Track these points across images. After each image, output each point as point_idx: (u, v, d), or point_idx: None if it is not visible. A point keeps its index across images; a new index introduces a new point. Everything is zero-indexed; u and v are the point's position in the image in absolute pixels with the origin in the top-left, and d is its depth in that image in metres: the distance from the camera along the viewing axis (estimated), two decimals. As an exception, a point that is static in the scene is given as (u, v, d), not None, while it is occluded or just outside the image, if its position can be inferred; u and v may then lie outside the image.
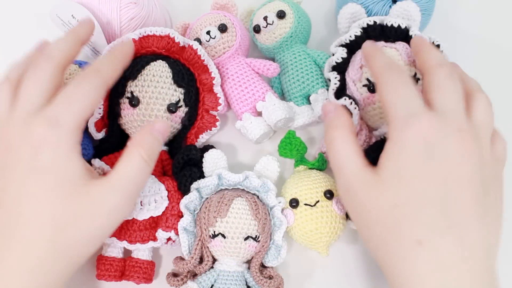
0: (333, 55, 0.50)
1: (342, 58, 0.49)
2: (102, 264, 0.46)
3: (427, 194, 0.35)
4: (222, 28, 0.51)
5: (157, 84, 0.47)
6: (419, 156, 0.35)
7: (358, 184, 0.38)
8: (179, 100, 0.48)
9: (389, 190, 0.36)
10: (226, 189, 0.47)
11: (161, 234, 0.45)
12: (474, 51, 0.58)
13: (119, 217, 0.39)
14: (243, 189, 0.47)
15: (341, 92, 0.49)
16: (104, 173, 0.44)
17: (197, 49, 0.49)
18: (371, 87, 0.47)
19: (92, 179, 0.37)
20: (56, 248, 0.36)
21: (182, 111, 0.49)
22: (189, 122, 0.50)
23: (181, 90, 0.48)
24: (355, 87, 0.48)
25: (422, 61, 0.41)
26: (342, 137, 0.40)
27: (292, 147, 0.48)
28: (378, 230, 0.37)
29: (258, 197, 0.47)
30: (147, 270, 0.47)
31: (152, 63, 0.48)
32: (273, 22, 0.52)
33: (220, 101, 0.50)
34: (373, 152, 0.47)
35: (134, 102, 0.47)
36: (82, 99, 0.37)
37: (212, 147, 0.50)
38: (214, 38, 0.51)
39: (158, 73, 0.48)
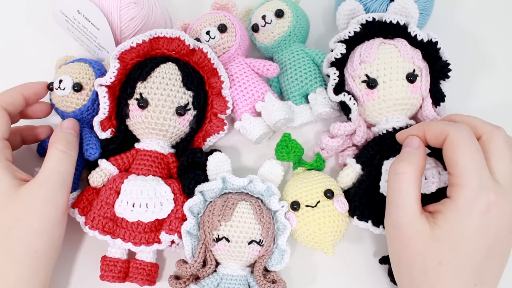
0: (332, 51, 0.50)
1: (341, 54, 0.49)
2: (106, 265, 0.46)
3: (471, 258, 0.39)
4: (222, 28, 0.51)
5: (166, 87, 0.47)
6: (476, 227, 0.38)
7: (411, 230, 0.40)
8: (188, 103, 0.48)
9: (439, 247, 0.39)
10: (230, 192, 0.47)
11: (164, 237, 0.45)
12: (473, 50, 0.58)
13: (54, 205, 0.43)
14: (247, 193, 0.47)
15: (339, 88, 0.49)
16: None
17: (207, 52, 0.49)
18: (370, 83, 0.47)
19: (22, 183, 0.43)
20: (9, 251, 0.41)
21: (191, 114, 0.49)
22: (197, 125, 0.50)
23: (190, 93, 0.48)
24: (354, 83, 0.49)
25: (474, 127, 0.42)
26: (412, 177, 0.40)
27: (289, 150, 0.49)
28: (415, 273, 0.40)
29: (262, 201, 0.47)
30: (150, 272, 0.47)
31: (161, 65, 0.48)
32: (271, 21, 0.52)
33: (228, 104, 0.50)
34: (372, 149, 0.48)
35: (143, 104, 0.47)
36: None
37: (218, 151, 0.49)
38: (213, 38, 0.51)
39: (168, 75, 0.48)
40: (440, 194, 0.42)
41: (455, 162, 0.39)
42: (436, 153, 0.46)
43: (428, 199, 0.43)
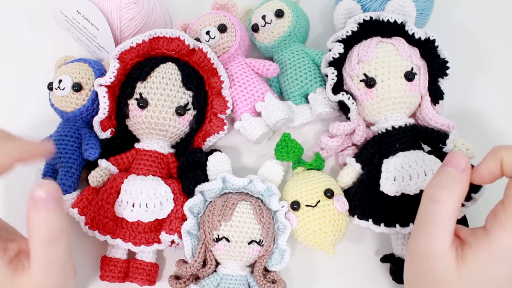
0: (330, 50, 0.50)
1: (339, 53, 0.49)
2: (106, 265, 0.46)
3: None
4: (222, 28, 0.51)
5: (166, 87, 0.47)
6: (505, 273, 0.36)
7: (435, 264, 0.37)
8: (188, 103, 0.48)
9: (460, 286, 0.36)
10: (230, 192, 0.47)
11: (164, 237, 0.45)
12: (473, 49, 0.58)
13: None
14: (247, 193, 0.47)
15: (338, 87, 0.49)
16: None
17: (207, 52, 0.49)
18: (368, 82, 0.47)
19: (16, 273, 0.37)
20: None
21: (190, 114, 0.49)
22: (196, 125, 0.50)
23: (190, 93, 0.48)
24: (352, 82, 0.49)
25: None
26: (451, 208, 0.36)
27: (288, 150, 0.49)
28: None
29: (262, 201, 0.47)
30: (150, 272, 0.47)
31: (161, 65, 0.48)
32: (271, 21, 0.52)
33: (228, 104, 0.50)
34: (371, 148, 0.48)
35: (143, 103, 0.47)
36: None
37: (218, 151, 0.49)
38: (213, 38, 0.51)
39: (168, 75, 0.48)
40: None
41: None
42: (437, 152, 0.46)
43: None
